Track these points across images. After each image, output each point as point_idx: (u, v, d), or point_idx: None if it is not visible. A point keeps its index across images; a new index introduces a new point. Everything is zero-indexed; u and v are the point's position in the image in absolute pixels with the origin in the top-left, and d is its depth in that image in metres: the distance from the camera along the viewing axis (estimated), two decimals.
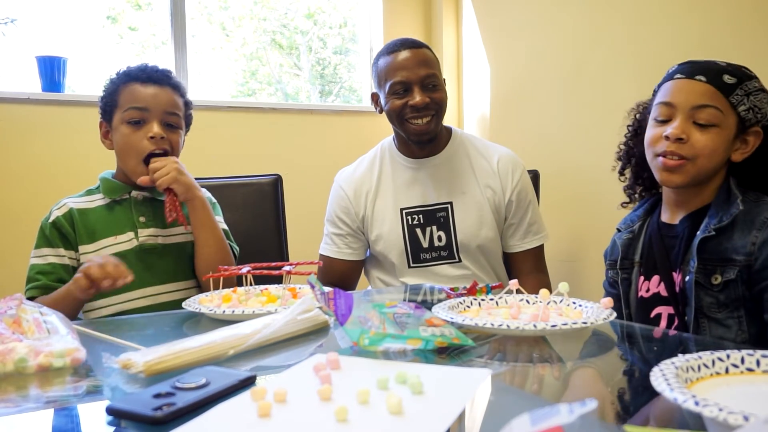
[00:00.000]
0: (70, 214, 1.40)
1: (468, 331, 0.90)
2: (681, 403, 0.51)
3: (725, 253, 1.09)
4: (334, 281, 1.74)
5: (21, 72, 2.60)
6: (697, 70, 1.15)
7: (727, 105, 1.12)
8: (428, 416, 0.59)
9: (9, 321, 0.88)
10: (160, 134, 1.39)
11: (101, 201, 1.44)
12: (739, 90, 1.12)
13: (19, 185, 2.41)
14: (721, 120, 1.12)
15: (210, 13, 3.16)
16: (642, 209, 1.31)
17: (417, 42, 1.66)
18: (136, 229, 1.41)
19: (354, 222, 1.72)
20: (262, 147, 2.91)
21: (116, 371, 0.77)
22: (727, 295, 1.09)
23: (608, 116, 2.44)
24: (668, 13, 2.19)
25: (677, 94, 1.15)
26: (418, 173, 1.70)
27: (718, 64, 1.15)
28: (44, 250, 1.38)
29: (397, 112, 1.62)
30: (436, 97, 1.61)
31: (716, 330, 1.11)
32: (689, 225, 1.18)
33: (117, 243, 1.39)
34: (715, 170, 1.16)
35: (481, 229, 1.66)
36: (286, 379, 0.72)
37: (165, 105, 1.41)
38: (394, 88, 1.61)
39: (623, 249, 1.28)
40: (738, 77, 1.13)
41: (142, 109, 1.38)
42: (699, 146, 1.12)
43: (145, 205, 1.45)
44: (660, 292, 1.20)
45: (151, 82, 1.41)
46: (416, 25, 3.34)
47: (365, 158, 1.79)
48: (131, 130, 1.39)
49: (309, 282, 0.96)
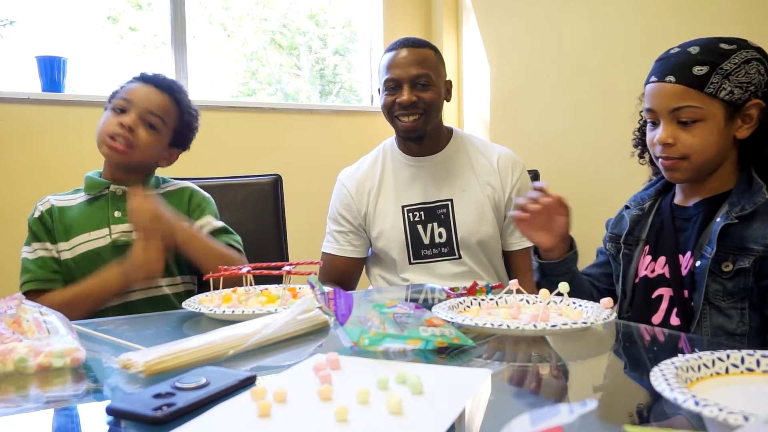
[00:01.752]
0: (50, 210, 1.42)
1: (468, 331, 0.90)
2: (681, 403, 0.51)
3: (742, 242, 1.08)
4: (336, 279, 1.75)
5: (21, 72, 2.60)
6: (667, 69, 1.12)
7: (704, 98, 1.09)
8: (428, 416, 0.59)
9: (9, 321, 0.88)
10: (129, 125, 1.39)
11: (82, 198, 1.45)
12: (714, 77, 1.08)
13: (19, 185, 2.41)
14: (702, 114, 1.10)
15: (210, 13, 3.16)
16: (654, 188, 1.30)
17: (419, 42, 1.68)
18: (110, 224, 1.40)
19: (356, 219, 1.74)
20: (262, 147, 2.91)
21: (116, 371, 0.77)
22: (735, 284, 1.08)
23: (608, 116, 2.44)
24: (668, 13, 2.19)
25: (654, 100, 1.14)
26: (419, 171, 1.72)
27: (688, 55, 1.11)
28: (34, 245, 1.40)
29: (387, 108, 1.67)
30: (425, 96, 1.62)
31: (717, 318, 1.10)
32: (705, 209, 1.17)
33: (91, 240, 1.39)
34: (718, 158, 1.14)
35: (481, 226, 1.68)
36: (286, 379, 0.72)
37: (150, 104, 1.42)
38: (387, 85, 1.65)
39: (631, 224, 1.28)
40: (709, 64, 1.09)
41: (128, 101, 1.42)
42: (687, 144, 1.11)
43: (122, 199, 1.43)
44: (665, 273, 1.19)
45: (152, 84, 1.44)
46: (416, 25, 3.34)
47: (367, 157, 1.82)
48: (112, 114, 1.42)
49: (309, 282, 0.96)
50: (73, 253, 1.38)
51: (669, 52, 1.16)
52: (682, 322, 1.13)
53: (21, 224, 2.35)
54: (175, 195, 1.51)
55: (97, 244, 1.39)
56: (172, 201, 1.48)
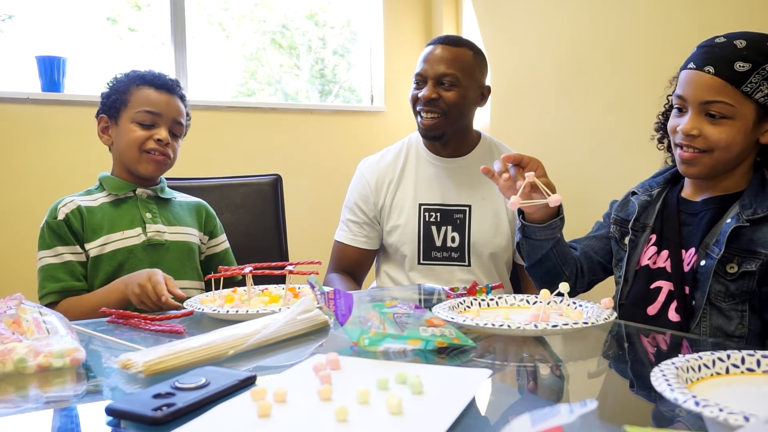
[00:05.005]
0: (78, 210, 1.41)
1: (468, 331, 0.90)
2: (681, 404, 0.51)
3: (750, 245, 1.07)
4: (346, 268, 1.74)
5: (20, 72, 2.60)
6: (708, 59, 1.09)
7: (739, 96, 1.06)
8: (428, 416, 0.59)
9: (9, 321, 0.88)
10: (167, 140, 1.45)
11: (104, 199, 1.46)
12: (754, 77, 1.05)
13: (19, 185, 2.41)
14: (733, 112, 1.07)
15: (209, 13, 3.16)
16: (662, 177, 1.29)
17: (459, 41, 1.66)
18: (144, 224, 1.44)
19: (371, 211, 1.72)
20: (262, 147, 2.91)
21: (116, 371, 0.77)
22: (738, 286, 1.07)
23: (608, 117, 2.44)
24: (668, 13, 2.19)
25: (687, 87, 1.11)
26: (441, 171, 1.70)
27: (734, 48, 1.08)
28: (59, 248, 1.38)
29: (412, 103, 1.67)
30: (447, 96, 1.60)
31: (717, 319, 1.09)
32: (714, 208, 1.15)
33: (125, 237, 1.41)
34: (737, 158, 1.12)
35: (495, 237, 1.66)
36: (286, 379, 0.72)
37: (174, 113, 1.47)
38: (415, 79, 1.65)
39: (639, 209, 1.26)
40: (754, 61, 1.06)
41: (155, 114, 1.44)
42: (713, 140, 1.09)
43: (150, 201, 1.48)
44: (666, 267, 1.18)
45: (165, 90, 1.47)
46: (416, 26, 3.34)
47: (391, 149, 1.80)
48: (140, 129, 1.43)
49: (309, 282, 0.96)
50: (103, 249, 1.39)
51: (713, 41, 1.11)
52: (682, 319, 1.13)
53: (21, 224, 2.37)
54: (193, 207, 1.57)
55: (132, 242, 1.42)
56: (190, 211, 1.55)
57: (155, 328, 1.01)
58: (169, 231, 1.46)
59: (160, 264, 1.41)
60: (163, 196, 1.51)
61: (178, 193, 1.59)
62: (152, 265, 1.39)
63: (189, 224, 1.52)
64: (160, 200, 1.50)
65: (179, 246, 1.47)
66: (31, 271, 1.41)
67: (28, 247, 1.44)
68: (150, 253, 1.42)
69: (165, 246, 1.45)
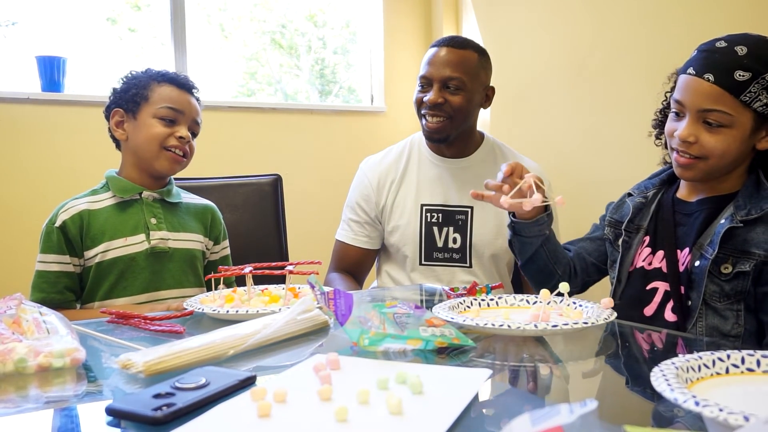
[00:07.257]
0: (80, 216, 1.37)
1: (468, 331, 0.90)
2: (681, 403, 0.51)
3: (744, 245, 1.07)
4: (347, 268, 1.74)
5: (21, 72, 2.60)
6: (708, 66, 1.08)
7: (737, 105, 1.06)
8: (428, 416, 0.59)
9: (9, 321, 0.88)
10: (188, 138, 1.45)
11: (110, 201, 1.42)
12: (753, 86, 1.05)
13: (19, 185, 2.41)
14: (731, 121, 1.07)
15: (209, 14, 3.16)
16: (658, 178, 1.29)
17: (463, 43, 1.65)
18: (147, 231, 1.40)
19: (373, 211, 1.72)
20: (262, 147, 2.91)
21: (116, 371, 0.77)
22: (733, 286, 1.07)
23: (609, 117, 2.44)
24: (669, 13, 2.19)
25: (686, 94, 1.11)
26: (443, 172, 1.70)
27: (734, 55, 1.06)
28: (49, 256, 1.36)
29: (417, 106, 1.66)
30: (453, 100, 1.59)
31: (712, 319, 1.10)
32: (708, 208, 1.15)
33: (127, 245, 1.38)
34: (733, 164, 1.12)
35: (497, 238, 1.66)
36: (286, 379, 0.72)
37: (194, 113, 1.48)
38: (419, 82, 1.64)
39: (634, 211, 1.26)
40: (754, 70, 1.04)
41: (177, 111, 1.43)
42: (708, 147, 1.09)
43: (156, 206, 1.44)
44: (662, 268, 1.18)
45: (186, 90, 1.47)
46: (416, 26, 3.34)
47: (394, 149, 1.79)
48: (162, 125, 1.42)
49: (309, 282, 0.96)
50: (104, 257, 1.36)
51: (714, 45, 1.10)
52: (679, 319, 1.13)
53: (21, 224, 2.37)
54: (200, 210, 1.54)
55: (134, 249, 1.38)
56: (197, 215, 1.52)
57: (155, 328, 1.01)
58: (173, 238, 1.43)
59: (162, 272, 1.40)
60: (170, 200, 1.47)
61: (186, 194, 1.56)
62: (154, 273, 1.38)
63: (194, 230, 1.48)
64: (166, 204, 1.46)
65: (183, 254, 1.44)
66: (31, 272, 1.40)
67: (28, 247, 1.44)
68: (152, 261, 1.39)
69: (168, 254, 1.41)
